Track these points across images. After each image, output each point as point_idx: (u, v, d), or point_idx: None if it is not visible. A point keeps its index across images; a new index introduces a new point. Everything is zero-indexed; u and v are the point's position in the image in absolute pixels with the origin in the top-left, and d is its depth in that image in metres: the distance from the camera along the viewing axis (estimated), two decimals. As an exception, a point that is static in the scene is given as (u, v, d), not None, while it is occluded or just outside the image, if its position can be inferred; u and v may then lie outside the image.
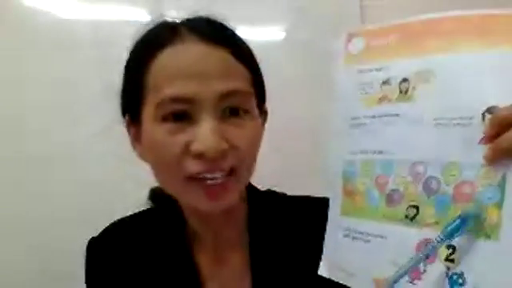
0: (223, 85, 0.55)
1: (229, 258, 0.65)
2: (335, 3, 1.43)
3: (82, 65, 1.21)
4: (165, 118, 0.55)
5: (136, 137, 0.61)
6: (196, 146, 0.53)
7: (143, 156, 0.61)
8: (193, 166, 0.54)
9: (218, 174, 0.55)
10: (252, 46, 0.62)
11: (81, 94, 1.19)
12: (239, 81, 0.57)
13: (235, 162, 0.56)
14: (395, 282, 0.45)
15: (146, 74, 0.57)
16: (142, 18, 0.61)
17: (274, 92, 0.63)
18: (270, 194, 0.70)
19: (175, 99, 0.54)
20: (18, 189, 1.21)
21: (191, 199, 0.58)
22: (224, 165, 0.55)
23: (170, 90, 0.54)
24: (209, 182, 0.55)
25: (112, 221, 0.69)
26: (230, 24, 0.61)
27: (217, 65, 0.56)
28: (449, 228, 0.43)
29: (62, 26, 1.24)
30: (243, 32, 0.61)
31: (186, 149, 0.54)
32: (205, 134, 0.53)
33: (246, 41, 0.61)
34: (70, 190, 1.22)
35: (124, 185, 0.64)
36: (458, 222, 0.43)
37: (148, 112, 0.57)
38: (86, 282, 0.67)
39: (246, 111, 0.58)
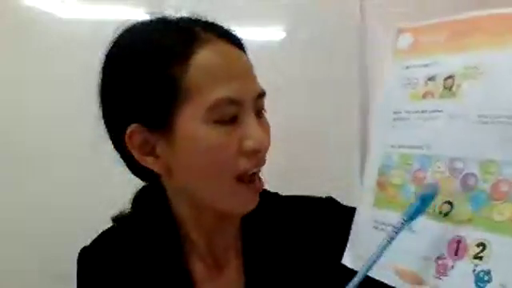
0: (258, 86, 0.59)
1: (224, 263, 0.65)
2: (335, 3, 1.43)
3: (82, 65, 1.20)
4: (218, 120, 0.55)
5: (146, 146, 0.57)
6: (252, 144, 0.56)
7: (165, 166, 0.58)
8: (247, 164, 0.56)
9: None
10: (252, 46, 0.61)
11: (81, 94, 1.19)
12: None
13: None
14: (367, 270, 0.46)
15: (182, 75, 0.54)
16: (142, 18, 0.61)
17: (274, 92, 0.63)
18: (263, 194, 0.70)
19: (230, 101, 0.55)
20: (18, 189, 1.21)
21: (237, 200, 0.59)
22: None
23: (223, 92, 0.54)
24: (256, 181, 0.59)
25: (109, 223, 0.68)
26: (230, 24, 0.61)
27: (249, 66, 0.59)
28: (411, 210, 0.46)
29: (62, 26, 1.24)
30: (243, 32, 0.61)
31: (240, 148, 0.56)
32: (258, 132, 0.56)
33: None
34: (69, 190, 1.21)
35: (125, 185, 0.64)
36: (418, 203, 0.46)
37: (190, 115, 0.55)
38: None
39: (264, 111, 0.61)
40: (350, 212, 0.67)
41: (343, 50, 1.43)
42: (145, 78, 0.56)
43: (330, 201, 0.70)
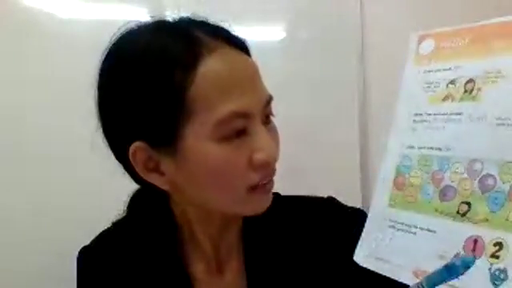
0: (265, 92, 0.56)
1: (226, 264, 0.65)
2: (335, 3, 1.43)
3: (82, 65, 1.20)
4: (226, 136, 0.52)
5: (151, 163, 0.56)
6: (262, 157, 0.54)
7: (170, 183, 0.57)
8: (257, 176, 0.55)
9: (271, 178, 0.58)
10: (252, 46, 0.61)
11: (81, 94, 1.19)
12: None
13: None
14: None
15: (188, 86, 0.51)
16: (142, 18, 0.61)
17: (274, 92, 0.63)
18: None
19: (238, 115, 0.52)
20: (18, 188, 1.21)
21: (251, 206, 0.58)
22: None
23: (232, 106, 0.51)
24: (267, 186, 0.57)
25: (109, 223, 0.68)
26: (230, 24, 0.61)
27: (255, 73, 0.56)
28: (432, 277, 0.43)
29: (62, 26, 1.24)
30: (243, 32, 0.61)
31: (250, 161, 0.54)
32: (268, 143, 0.54)
33: None
34: (69, 190, 1.22)
35: (125, 185, 0.64)
36: (442, 271, 0.42)
37: (196, 132, 0.52)
38: None
39: (272, 116, 0.58)
40: (351, 212, 0.67)
41: (343, 50, 1.43)
42: (147, 92, 0.52)
43: (330, 201, 0.70)
